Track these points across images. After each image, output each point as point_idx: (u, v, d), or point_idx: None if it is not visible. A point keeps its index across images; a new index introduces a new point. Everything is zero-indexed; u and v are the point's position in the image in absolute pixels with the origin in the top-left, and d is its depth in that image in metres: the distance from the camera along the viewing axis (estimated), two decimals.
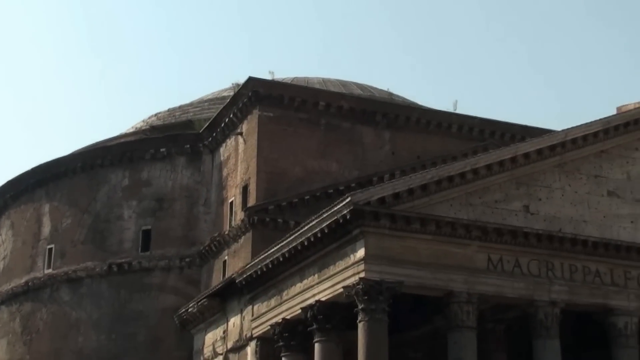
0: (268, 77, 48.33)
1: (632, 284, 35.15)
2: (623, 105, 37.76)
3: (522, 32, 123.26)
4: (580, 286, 34.39)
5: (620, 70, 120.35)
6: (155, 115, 57.56)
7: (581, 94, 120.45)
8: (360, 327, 31.61)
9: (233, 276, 39.94)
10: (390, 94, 54.85)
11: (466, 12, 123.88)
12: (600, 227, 35.33)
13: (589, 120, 36.09)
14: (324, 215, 32.81)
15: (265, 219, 42.50)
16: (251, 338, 39.36)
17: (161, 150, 50.50)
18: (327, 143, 45.40)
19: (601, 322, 35.38)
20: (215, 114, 49.19)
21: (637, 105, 37.14)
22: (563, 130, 35.83)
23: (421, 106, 52.79)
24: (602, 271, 34.79)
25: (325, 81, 53.83)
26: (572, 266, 34.38)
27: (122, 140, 53.80)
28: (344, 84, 54.04)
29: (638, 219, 36.08)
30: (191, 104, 56.82)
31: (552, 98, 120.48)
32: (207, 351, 43.79)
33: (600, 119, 36.13)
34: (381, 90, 55.29)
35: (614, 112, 37.55)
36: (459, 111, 49.64)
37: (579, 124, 35.92)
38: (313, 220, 33.59)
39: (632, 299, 35.04)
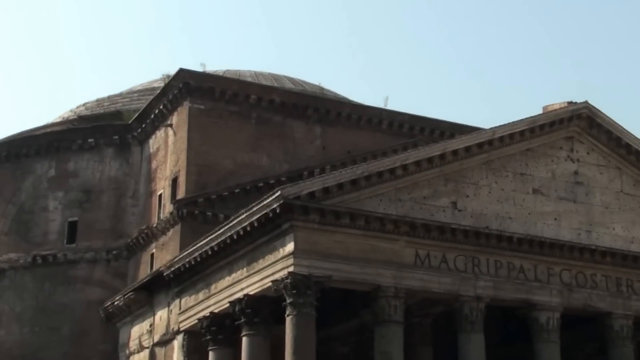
0: (199, 69, 48.36)
1: (554, 280, 36.03)
2: (549, 105, 38.65)
3: (453, 30, 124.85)
4: (505, 282, 35.12)
5: (547, 71, 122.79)
6: (84, 105, 57.02)
7: (509, 93, 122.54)
8: (288, 321, 31.86)
9: (161, 269, 39.87)
10: (322, 88, 55.25)
11: (398, 10, 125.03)
12: (525, 224, 36.16)
13: (516, 119, 36.89)
14: (254, 209, 32.99)
15: (195, 212, 42.53)
16: (178, 332, 39.35)
17: (89, 140, 50.13)
18: (258, 136, 45.60)
19: (524, 317, 36.16)
20: (144, 105, 49.00)
21: (562, 106, 38.08)
22: (491, 129, 36.57)
23: (352, 101, 53.31)
24: (526, 267, 35.61)
25: (257, 74, 53.97)
26: (497, 262, 35.11)
27: (49, 130, 53.20)
28: (276, 77, 54.25)
29: (561, 216, 37.02)
30: (120, 95, 56.44)
31: (481, 97, 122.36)
32: (133, 345, 43.63)
33: (527, 118, 36.96)
34: (313, 84, 55.64)
35: (540, 111, 38.41)
36: (389, 107, 50.34)
37: (506, 122, 36.69)
38: (242, 213, 33.73)
39: (555, 294, 35.92)
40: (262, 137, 45.63)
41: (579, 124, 38.28)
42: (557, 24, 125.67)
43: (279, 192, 31.66)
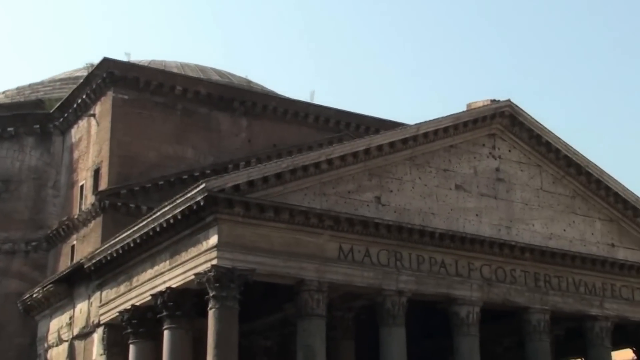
0: (124, 58, 47.91)
1: (475, 275, 36.71)
2: (472, 103, 39.33)
3: (379, 26, 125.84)
4: (427, 276, 35.63)
5: (472, 68, 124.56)
6: (3, 93, 55.95)
7: (435, 90, 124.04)
8: (211, 314, 31.86)
9: (81, 261, 39.49)
10: (249, 81, 55.24)
11: (324, 4, 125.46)
12: (447, 219, 36.74)
13: (440, 116, 37.42)
14: (178, 201, 32.91)
15: (117, 204, 42.20)
16: (98, 325, 39.05)
17: (8, 129, 49.30)
18: (183, 128, 45.41)
19: (445, 311, 36.76)
20: (67, 94, 48.35)
21: (485, 103, 38.78)
22: (415, 125, 37.04)
23: (279, 95, 53.42)
24: (447, 262, 36.20)
25: (183, 65, 53.70)
26: (419, 257, 35.61)
27: None
28: (202, 69, 54.05)
29: (483, 212, 37.72)
30: (42, 83, 55.55)
31: (407, 93, 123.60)
32: (52, 338, 43.13)
33: (451, 115, 37.54)
34: (240, 77, 55.59)
35: (464, 109, 39.06)
36: (316, 102, 50.64)
37: (431, 119, 37.14)
38: (166, 206, 33.62)
39: (475, 289, 36.59)
40: (187, 129, 45.45)
41: (502, 122, 39.04)
42: (482, 23, 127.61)
43: (203, 185, 31.62)
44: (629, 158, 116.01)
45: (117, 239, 36.60)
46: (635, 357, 43.41)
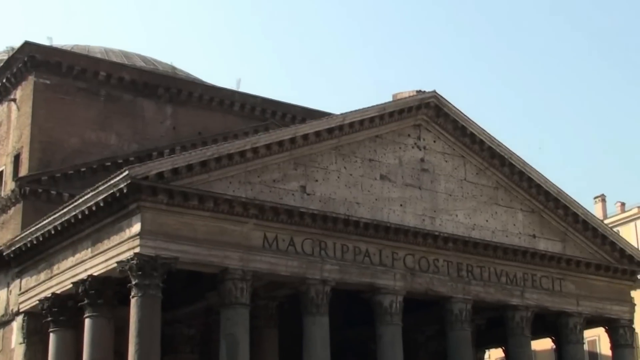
0: (46, 42, 47.25)
1: (398, 265, 37.25)
2: (398, 93, 39.86)
3: (307, 15, 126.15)
4: (351, 265, 36.07)
5: (398, 59, 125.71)
6: None
7: (361, 80, 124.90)
8: (133, 302, 31.85)
9: (0, 248, 39.04)
10: (174, 68, 54.93)
11: None
12: (372, 209, 37.21)
13: (366, 106, 37.82)
14: (100, 189, 32.78)
15: (38, 190, 41.70)
16: (18, 313, 38.68)
17: None
18: (107, 114, 45.05)
19: (369, 300, 37.23)
20: None
21: (411, 94, 39.34)
22: (341, 114, 37.43)
23: (205, 82, 53.22)
24: (371, 251, 36.68)
25: (107, 51, 53.15)
26: (344, 246, 36.02)
27: None
28: (126, 55, 53.58)
29: (407, 203, 38.29)
30: None
31: (333, 83, 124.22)
32: None
33: (377, 105, 37.99)
34: (165, 64, 55.25)
35: (390, 99, 39.53)
36: (242, 90, 50.54)
37: (357, 109, 37.52)
38: (88, 193, 33.48)
39: (398, 278, 37.14)
40: (110, 116, 45.10)
41: (427, 113, 39.63)
42: (409, 14, 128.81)
43: (126, 172, 31.54)
44: (551, 151, 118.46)
45: (37, 226, 36.28)
46: (554, 346, 44.58)
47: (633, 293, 46.70)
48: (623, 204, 73.01)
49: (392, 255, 37.24)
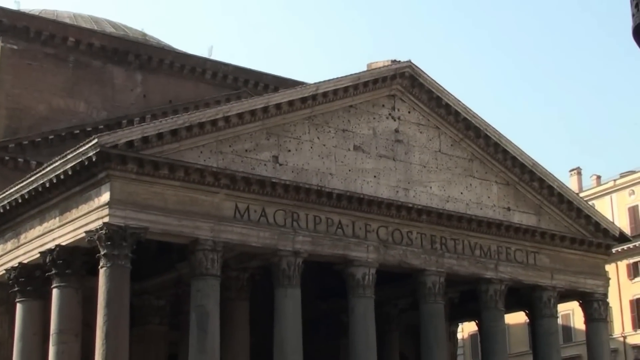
0: (13, 7, 47.10)
1: (371, 237, 37.59)
2: (373, 63, 40.01)
3: None
4: (323, 237, 36.35)
5: (373, 28, 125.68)
6: None
7: (336, 49, 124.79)
8: (102, 273, 32.01)
9: None
10: (144, 34, 54.87)
11: None
12: (345, 180, 37.49)
13: (340, 75, 38.02)
14: (69, 157, 32.83)
15: (5, 158, 41.77)
16: None
17: None
18: (76, 81, 45.05)
19: (341, 272, 37.54)
20: None
21: (386, 64, 39.52)
22: (315, 84, 37.59)
23: (176, 49, 53.24)
24: (344, 223, 36.97)
25: (76, 16, 53.01)
26: (316, 217, 36.28)
27: None
28: (96, 20, 53.46)
29: (381, 174, 38.58)
30: None
31: (307, 52, 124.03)
32: None
33: (351, 75, 38.17)
34: (135, 30, 55.17)
35: (365, 69, 39.72)
36: (214, 57, 50.64)
37: (331, 78, 37.69)
38: (56, 161, 33.52)
39: (371, 250, 37.50)
40: (79, 82, 45.10)
41: (402, 83, 39.89)
42: None
43: (95, 140, 31.60)
44: (527, 123, 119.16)
45: (4, 195, 36.33)
46: (528, 320, 45.22)
47: (607, 267, 47.47)
48: (599, 177, 73.79)
49: (365, 227, 37.52)
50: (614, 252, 48.53)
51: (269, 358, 35.62)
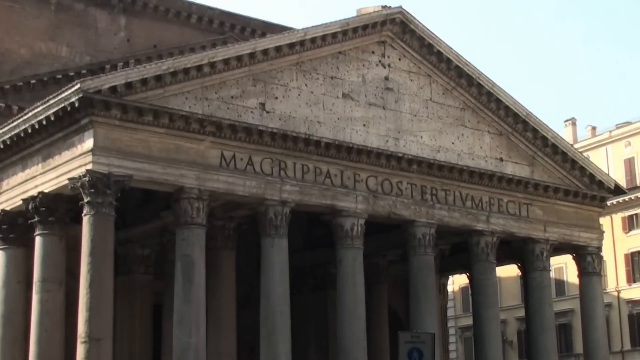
0: None
1: (360, 187, 38.15)
2: (363, 8, 40.22)
3: None
4: (311, 187, 36.88)
5: None
6: None
7: None
8: (86, 221, 32.58)
9: None
10: None
11: None
12: (334, 128, 37.98)
13: (329, 21, 38.32)
14: (51, 102, 33.22)
15: None
16: None
17: None
18: (58, 24, 45.27)
19: (329, 222, 38.18)
20: None
21: (376, 9, 39.73)
22: (303, 29, 37.90)
23: None
24: (332, 173, 37.48)
25: None
26: (304, 166, 36.78)
27: None
28: None
29: (370, 122, 39.06)
30: None
31: None
32: None
33: (340, 20, 38.43)
34: None
35: (354, 14, 40.02)
36: (199, 1, 50.66)
37: (319, 24, 38.05)
38: (38, 106, 33.90)
39: (360, 201, 38.08)
40: (61, 26, 45.34)
41: (392, 29, 40.19)
42: None
43: (78, 85, 31.94)
44: (521, 73, 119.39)
45: None
46: (520, 273, 46.07)
47: (602, 220, 48.21)
48: (594, 128, 74.26)
49: (354, 177, 38.01)
50: (608, 204, 49.16)
51: (255, 308, 36.40)
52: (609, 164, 66.52)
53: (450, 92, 41.80)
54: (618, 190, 47.06)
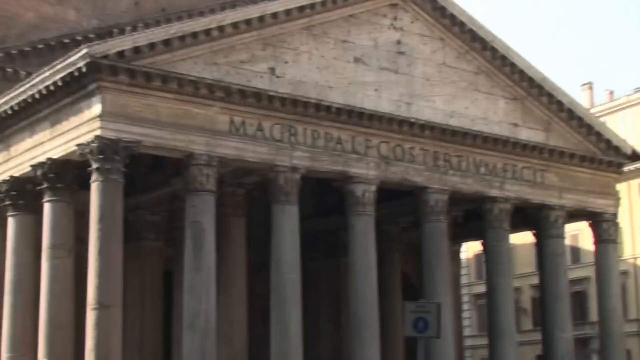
0: None
1: (372, 152, 38.21)
2: None
3: None
4: (322, 153, 36.97)
5: None
6: None
7: None
8: (94, 187, 32.81)
9: None
10: None
11: None
12: (345, 93, 37.93)
13: None
14: (58, 67, 33.35)
15: None
16: None
17: None
18: None
19: (340, 189, 38.30)
20: None
21: None
22: None
23: None
24: (344, 138, 37.56)
25: None
26: (314, 132, 36.86)
27: None
28: None
29: (382, 87, 39.01)
30: None
31: None
32: None
33: None
34: None
35: None
36: None
37: None
38: (45, 71, 34.05)
39: (372, 167, 38.15)
40: None
41: None
42: None
43: (85, 50, 32.07)
44: (537, 36, 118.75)
45: None
46: (535, 241, 46.16)
47: (618, 186, 48.10)
48: (612, 92, 73.89)
49: (366, 143, 38.05)
50: (625, 170, 48.94)
51: (266, 276, 36.65)
52: (627, 129, 66.21)
53: (463, 55, 41.68)
54: (635, 156, 46.97)
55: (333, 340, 46.12)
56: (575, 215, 45.29)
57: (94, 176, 32.92)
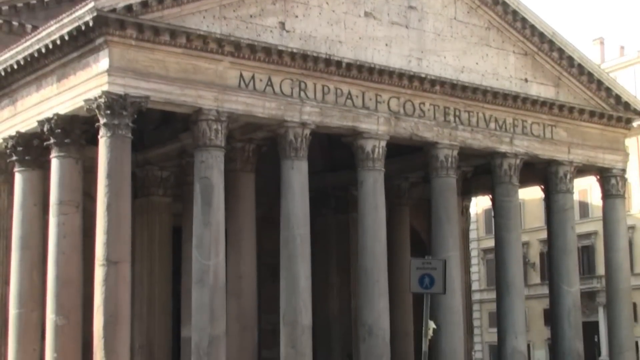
0: None
1: (382, 108, 37.42)
2: None
3: None
4: (332, 108, 36.20)
5: None
6: None
7: None
8: (102, 143, 32.09)
9: None
10: None
11: None
12: (355, 48, 37.06)
13: None
14: (65, 21, 32.48)
15: None
16: None
17: None
18: None
19: (350, 144, 37.60)
20: None
21: None
22: None
23: None
24: (354, 94, 36.77)
25: None
26: (324, 87, 36.06)
27: None
28: None
29: (392, 42, 38.10)
30: None
31: None
32: None
33: None
34: None
35: None
36: None
37: None
38: (52, 25, 33.20)
39: (382, 122, 37.39)
40: None
41: None
42: None
43: (92, 3, 31.19)
44: None
45: None
46: (544, 196, 45.50)
47: (627, 142, 47.48)
48: (622, 48, 72.86)
49: (376, 98, 37.33)
50: (635, 126, 48.31)
51: (275, 231, 36.08)
52: (638, 84, 65.15)
53: (474, 10, 40.72)
54: None
55: (342, 295, 45.76)
56: (583, 170, 44.74)
57: (101, 132, 32.21)
